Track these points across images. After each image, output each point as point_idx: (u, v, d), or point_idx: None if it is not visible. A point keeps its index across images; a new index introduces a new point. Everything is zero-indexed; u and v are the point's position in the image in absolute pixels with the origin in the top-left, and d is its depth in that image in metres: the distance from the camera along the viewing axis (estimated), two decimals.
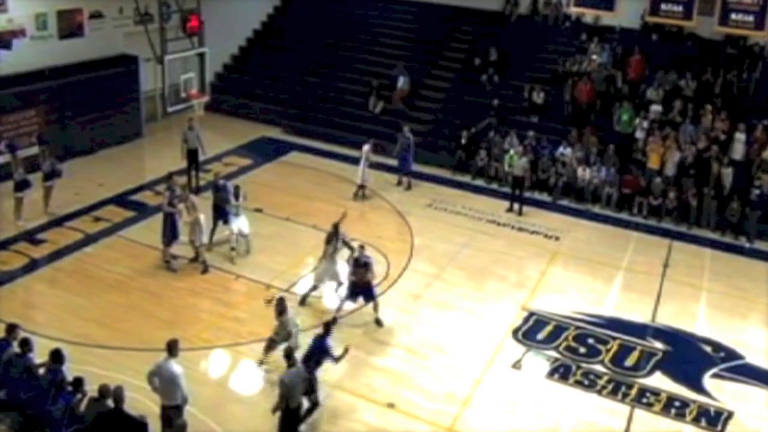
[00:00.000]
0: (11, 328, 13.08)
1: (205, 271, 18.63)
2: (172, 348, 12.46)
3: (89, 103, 25.19)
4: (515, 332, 17.02)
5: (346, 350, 14.16)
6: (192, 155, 23.09)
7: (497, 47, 28.86)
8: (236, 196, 19.56)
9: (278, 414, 12.78)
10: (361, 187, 23.37)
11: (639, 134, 24.61)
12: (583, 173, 24.13)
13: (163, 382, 12.32)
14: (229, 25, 30.48)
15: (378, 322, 16.97)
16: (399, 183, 24.68)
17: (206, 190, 21.87)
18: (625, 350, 16.60)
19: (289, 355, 12.96)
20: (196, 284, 18.14)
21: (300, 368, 13.02)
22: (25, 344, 12.74)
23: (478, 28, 30.71)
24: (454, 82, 29.27)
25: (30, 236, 19.91)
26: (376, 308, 17.02)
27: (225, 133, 27.15)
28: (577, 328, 17.27)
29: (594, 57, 27.16)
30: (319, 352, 13.92)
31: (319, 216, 21.31)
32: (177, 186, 19.16)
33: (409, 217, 22.31)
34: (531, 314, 17.72)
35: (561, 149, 24.79)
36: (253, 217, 20.59)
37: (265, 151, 26.76)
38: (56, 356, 12.45)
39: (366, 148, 23.45)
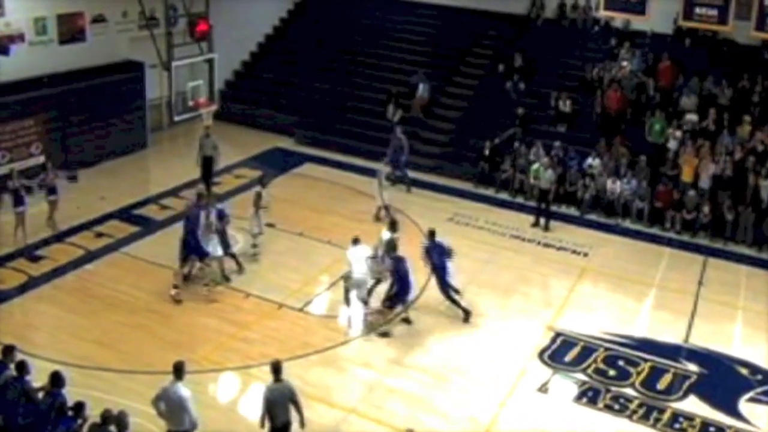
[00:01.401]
0: (8, 350, 13.17)
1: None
2: (179, 370, 12.53)
3: (91, 111, 25.33)
4: (541, 353, 17.02)
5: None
6: (207, 163, 23.26)
7: (522, 53, 28.90)
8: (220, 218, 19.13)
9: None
10: (385, 208, 22.95)
11: (672, 145, 24.56)
12: (613, 186, 24.10)
13: (170, 406, 12.36)
14: (239, 29, 30.61)
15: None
16: (393, 182, 24.83)
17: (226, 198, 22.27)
18: (657, 373, 16.55)
19: (276, 369, 12.95)
20: (204, 304, 18.21)
21: (285, 384, 12.97)
22: (22, 367, 12.83)
23: (503, 33, 30.78)
24: (477, 89, 29.32)
25: (29, 252, 20.06)
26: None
27: (235, 144, 27.27)
28: (607, 349, 17.24)
29: (624, 63, 27.14)
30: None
31: (334, 231, 21.42)
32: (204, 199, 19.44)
33: None
34: (557, 334, 17.71)
35: (589, 160, 24.78)
36: (265, 231, 20.68)
37: (277, 163, 26.86)
38: (56, 379, 12.51)
39: (380, 169, 23.46)
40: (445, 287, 18.06)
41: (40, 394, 12.64)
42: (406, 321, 17.81)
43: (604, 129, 25.95)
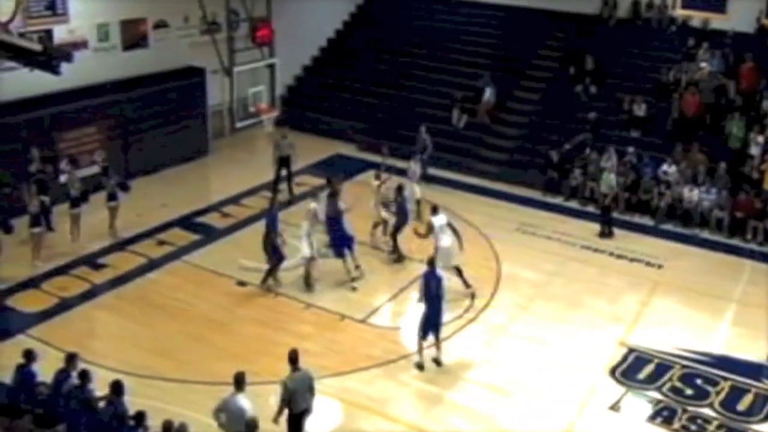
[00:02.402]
0: (71, 358, 13.61)
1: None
2: (239, 381, 12.81)
3: (153, 118, 25.92)
4: (613, 370, 16.93)
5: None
6: (284, 162, 23.67)
7: (594, 55, 28.82)
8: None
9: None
10: (384, 223, 22.07)
11: (753, 151, 24.29)
12: (690, 194, 23.92)
13: (231, 418, 12.61)
14: (301, 33, 30.95)
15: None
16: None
17: (300, 200, 22.77)
18: (737, 392, 16.34)
19: (293, 359, 13.44)
20: (263, 314, 18.53)
21: (304, 372, 13.51)
22: (85, 376, 13.26)
23: (573, 34, 30.72)
24: (546, 93, 29.31)
25: (91, 260, 20.59)
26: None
27: (296, 151, 27.54)
28: (683, 366, 17.08)
29: (703, 65, 26.89)
30: None
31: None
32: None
33: (494, 242, 22.37)
34: (630, 351, 17.60)
35: (665, 167, 24.61)
36: (324, 241, 20.94)
37: (339, 170, 26.93)
38: (117, 388, 12.90)
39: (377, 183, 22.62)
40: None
41: (102, 404, 13.02)
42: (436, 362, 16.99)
43: (680, 134, 25.76)
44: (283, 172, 24.49)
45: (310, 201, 20.17)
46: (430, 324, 16.52)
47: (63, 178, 22.26)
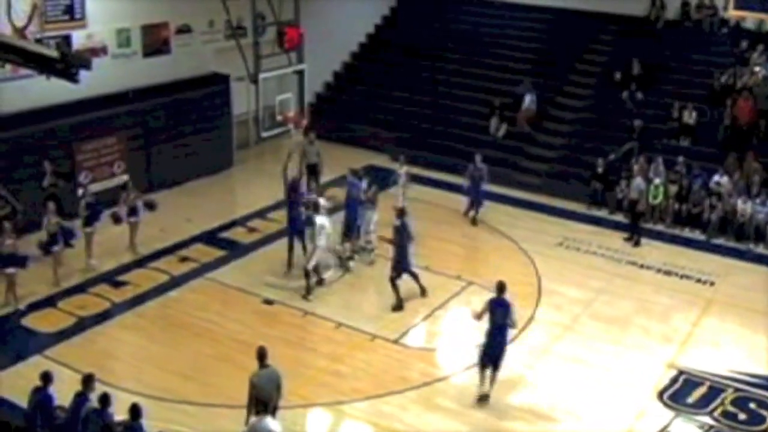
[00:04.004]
0: (87, 380, 13.68)
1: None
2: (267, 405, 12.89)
3: (175, 128, 26.16)
4: (661, 394, 16.87)
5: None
6: (312, 171, 23.78)
7: (641, 59, 28.78)
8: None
9: None
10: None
11: None
12: (744, 207, 23.79)
13: None
14: (331, 38, 31.07)
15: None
16: (466, 214, 24.67)
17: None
18: None
19: (262, 355, 13.90)
20: (292, 333, 18.61)
21: (272, 369, 14.04)
22: (105, 399, 13.35)
23: (619, 37, 30.69)
24: (590, 100, 29.30)
25: (110, 278, 20.75)
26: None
27: (325, 161, 27.55)
28: (737, 390, 16.99)
29: (757, 69, 26.79)
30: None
31: (433, 257, 21.62)
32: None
33: (535, 257, 22.37)
34: (680, 373, 17.53)
35: (716, 178, 24.49)
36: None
37: (371, 182, 27.02)
38: (134, 412, 13.01)
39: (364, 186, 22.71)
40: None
41: (120, 429, 13.14)
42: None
43: (733, 143, 25.67)
44: (312, 184, 24.54)
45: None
46: (490, 356, 16.17)
47: (81, 192, 22.45)
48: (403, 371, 17.31)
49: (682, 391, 16.95)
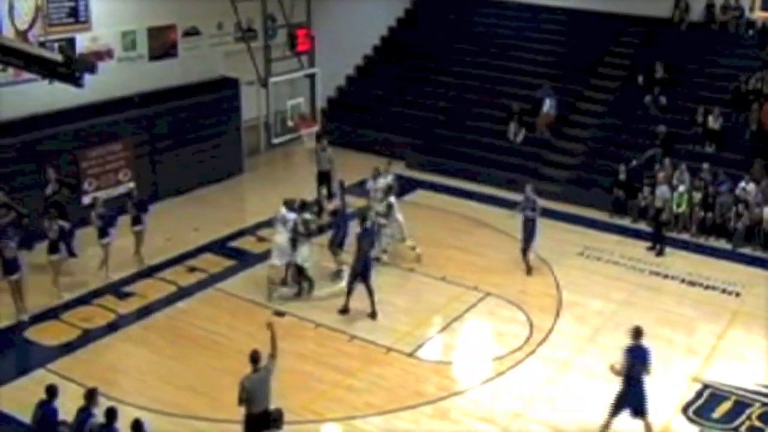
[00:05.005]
0: (90, 394, 13.68)
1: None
2: (276, 420, 12.93)
3: (183, 134, 26.24)
4: (685, 408, 16.82)
5: None
6: (323, 177, 23.84)
7: (664, 62, 28.79)
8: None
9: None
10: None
11: None
12: None
13: None
14: (344, 41, 31.24)
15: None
16: (524, 258, 22.27)
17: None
18: None
19: (255, 359, 13.89)
20: (304, 346, 18.59)
21: (264, 372, 13.92)
22: (111, 414, 13.34)
23: (642, 40, 30.69)
24: (612, 105, 29.30)
25: (116, 289, 20.80)
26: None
27: (338, 168, 27.63)
28: (764, 404, 16.91)
29: None
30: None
31: (449, 267, 21.68)
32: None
33: (556, 268, 22.38)
34: (705, 387, 17.48)
35: (742, 185, 24.42)
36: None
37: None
38: (136, 428, 13.03)
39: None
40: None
41: None
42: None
43: (760, 148, 25.63)
44: (323, 191, 24.59)
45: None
46: (633, 407, 15.42)
47: (87, 200, 22.52)
48: (418, 385, 17.28)
49: (707, 406, 16.90)
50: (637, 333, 15.27)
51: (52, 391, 13.79)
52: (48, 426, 13.71)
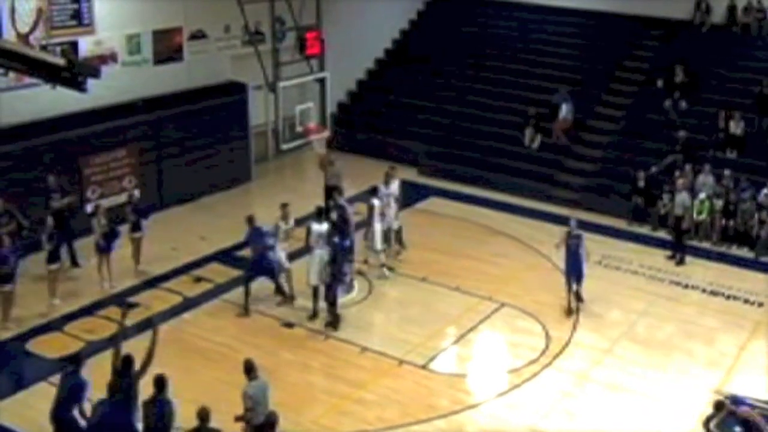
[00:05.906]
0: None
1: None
2: (274, 425, 12.99)
3: (189, 140, 26.29)
4: (706, 422, 16.59)
5: None
6: (330, 193, 23.89)
7: (685, 65, 28.75)
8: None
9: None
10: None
11: None
12: None
13: None
14: (355, 44, 31.32)
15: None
16: (571, 304, 20.77)
17: None
18: None
19: (250, 368, 14.18)
20: (314, 359, 18.64)
21: (262, 380, 14.28)
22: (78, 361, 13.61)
23: (661, 42, 30.67)
24: (631, 109, 29.27)
25: (120, 300, 20.73)
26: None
27: (349, 175, 27.47)
28: None
29: None
30: None
31: (463, 276, 21.67)
32: None
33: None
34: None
35: (765, 191, 24.38)
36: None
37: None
38: (159, 384, 13.45)
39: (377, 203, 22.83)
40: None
41: None
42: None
43: None
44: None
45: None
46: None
47: (89, 208, 22.57)
48: (431, 399, 17.27)
49: (729, 420, 16.71)
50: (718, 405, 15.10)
51: (77, 360, 14.43)
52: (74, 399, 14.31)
